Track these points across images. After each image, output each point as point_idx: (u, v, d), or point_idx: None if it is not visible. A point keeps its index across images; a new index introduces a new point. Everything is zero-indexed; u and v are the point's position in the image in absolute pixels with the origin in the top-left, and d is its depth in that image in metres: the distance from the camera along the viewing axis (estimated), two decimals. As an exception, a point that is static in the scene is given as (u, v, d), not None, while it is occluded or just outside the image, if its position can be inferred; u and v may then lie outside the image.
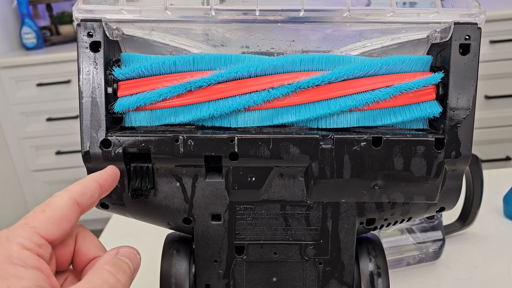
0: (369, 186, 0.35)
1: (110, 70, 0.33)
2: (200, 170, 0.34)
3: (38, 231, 0.26)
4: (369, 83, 0.34)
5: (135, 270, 0.29)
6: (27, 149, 1.88)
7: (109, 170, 0.32)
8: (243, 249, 0.37)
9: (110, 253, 0.29)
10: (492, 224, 0.68)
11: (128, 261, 0.29)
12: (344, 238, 0.37)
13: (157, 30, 0.36)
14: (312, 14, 0.34)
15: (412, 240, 0.59)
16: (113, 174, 0.32)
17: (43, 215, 0.26)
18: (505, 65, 1.69)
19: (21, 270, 0.24)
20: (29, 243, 0.25)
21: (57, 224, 0.26)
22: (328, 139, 0.33)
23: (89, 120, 0.33)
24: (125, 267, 0.28)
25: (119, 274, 0.27)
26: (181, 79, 0.33)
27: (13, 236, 0.25)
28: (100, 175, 0.31)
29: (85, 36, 0.33)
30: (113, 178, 0.32)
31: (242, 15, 0.34)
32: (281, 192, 0.35)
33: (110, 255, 0.29)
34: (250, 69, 0.34)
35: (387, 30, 0.36)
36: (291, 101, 0.34)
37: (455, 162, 0.34)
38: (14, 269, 0.24)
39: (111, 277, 0.27)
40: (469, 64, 0.33)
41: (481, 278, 0.57)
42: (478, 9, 0.33)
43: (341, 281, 0.38)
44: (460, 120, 0.33)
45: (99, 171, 0.31)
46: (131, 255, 0.30)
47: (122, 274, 0.27)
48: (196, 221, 0.36)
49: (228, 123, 0.35)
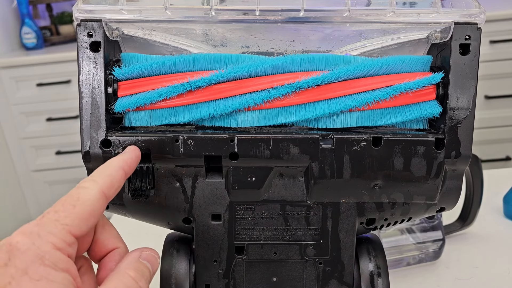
0: (369, 186, 0.35)
1: (110, 70, 0.33)
2: (200, 170, 0.34)
3: (70, 229, 0.25)
4: (369, 83, 0.34)
5: (153, 273, 0.29)
6: (27, 149, 1.88)
7: (132, 155, 0.30)
8: (243, 249, 0.37)
9: (133, 255, 0.29)
10: (492, 224, 0.68)
11: (149, 266, 0.29)
12: (344, 238, 0.37)
13: (157, 30, 0.36)
14: (312, 14, 0.34)
15: (412, 240, 0.59)
16: (136, 157, 0.31)
17: (73, 211, 0.25)
18: (505, 65, 1.69)
19: (52, 272, 0.23)
20: (61, 243, 0.24)
21: (86, 220, 0.26)
22: (328, 139, 0.33)
23: (89, 120, 0.33)
24: (147, 273, 0.28)
25: (142, 281, 0.27)
26: (181, 79, 0.33)
27: (45, 234, 0.24)
28: (125, 161, 0.29)
29: (85, 36, 0.33)
30: (136, 161, 0.31)
31: (242, 15, 0.34)
32: (281, 192, 0.35)
33: (133, 258, 0.28)
34: (250, 69, 0.34)
35: (387, 30, 0.36)
36: (291, 101, 0.34)
37: (455, 162, 0.34)
38: (45, 271, 0.23)
39: (134, 284, 0.26)
40: (469, 64, 0.33)
41: (481, 278, 0.57)
42: (478, 9, 0.33)
43: (341, 281, 0.38)
44: (460, 120, 0.33)
45: (121, 155, 0.30)
46: (152, 259, 0.29)
47: (144, 282, 0.27)
48: (196, 221, 0.36)
49: (228, 123, 0.35)
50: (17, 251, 0.23)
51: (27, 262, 0.23)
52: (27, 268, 0.23)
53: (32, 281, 0.22)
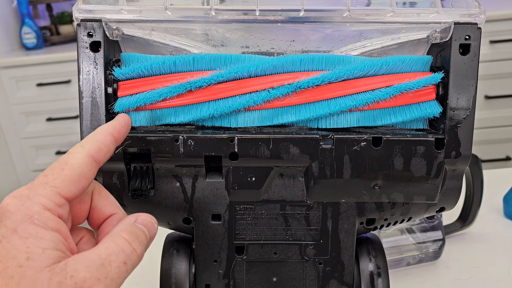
0: (369, 186, 0.35)
1: (110, 70, 0.33)
2: (200, 170, 0.34)
3: (59, 191, 0.25)
4: (369, 83, 0.34)
5: (151, 239, 0.29)
6: (27, 149, 1.88)
7: (121, 120, 0.30)
8: (243, 249, 0.37)
9: (128, 219, 0.29)
10: (492, 224, 0.68)
11: (145, 230, 0.29)
12: (344, 238, 0.37)
13: (157, 30, 0.36)
14: (312, 14, 0.34)
15: (412, 240, 0.59)
16: (126, 124, 0.31)
17: (62, 173, 0.26)
18: (505, 65, 1.69)
19: (41, 231, 0.24)
20: (50, 203, 0.25)
21: (76, 183, 0.26)
22: (328, 139, 0.33)
23: (89, 120, 0.33)
24: (142, 237, 0.28)
25: (135, 243, 0.27)
26: (181, 79, 0.33)
27: (34, 196, 0.25)
28: (114, 126, 0.30)
29: (85, 36, 0.33)
30: (126, 127, 0.31)
31: (242, 15, 0.34)
32: (281, 192, 0.35)
33: (128, 222, 0.29)
34: (250, 69, 0.34)
35: (387, 30, 0.36)
36: (291, 101, 0.34)
37: (455, 162, 0.34)
38: (34, 230, 0.24)
39: (128, 246, 0.27)
40: (469, 64, 0.33)
41: (481, 278, 0.57)
42: (478, 9, 0.33)
43: (341, 281, 0.38)
44: (460, 120, 0.33)
45: (111, 121, 0.30)
46: (148, 224, 0.29)
47: (138, 244, 0.27)
48: (196, 221, 0.36)
49: (228, 123, 0.35)
50: (7, 212, 0.24)
51: (16, 222, 0.24)
52: (16, 227, 0.23)
53: (21, 239, 0.23)
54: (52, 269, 0.23)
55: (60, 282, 0.23)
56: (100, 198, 0.30)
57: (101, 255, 0.25)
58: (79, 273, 0.24)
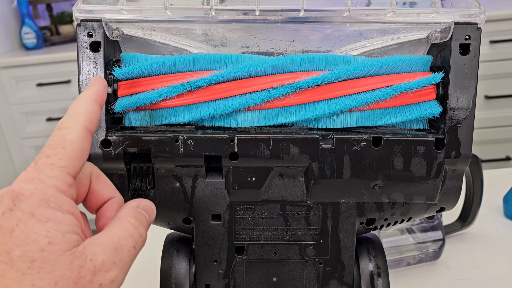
0: (369, 186, 0.35)
1: (110, 70, 0.33)
2: (200, 170, 0.34)
3: (68, 171, 0.25)
4: (369, 83, 0.34)
5: (150, 223, 0.30)
6: (27, 149, 1.88)
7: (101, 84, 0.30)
8: (243, 249, 0.37)
9: (131, 205, 0.29)
10: (492, 224, 0.68)
11: (146, 215, 0.30)
12: (344, 238, 0.37)
13: (157, 30, 0.36)
14: (312, 14, 0.34)
15: (412, 240, 0.59)
16: (104, 88, 0.30)
17: (65, 152, 0.25)
18: (505, 65, 1.69)
19: (59, 214, 0.24)
20: (63, 185, 0.25)
21: (78, 159, 0.26)
22: (328, 139, 0.33)
23: None
24: (145, 221, 0.29)
25: (141, 228, 0.28)
26: (181, 79, 0.33)
27: (46, 179, 0.24)
28: (96, 93, 0.29)
29: (85, 36, 0.33)
30: (105, 92, 0.30)
31: (242, 15, 0.34)
32: (281, 192, 0.35)
33: (132, 207, 0.29)
34: (250, 69, 0.34)
35: (387, 30, 0.36)
36: (291, 101, 0.34)
37: (455, 162, 0.34)
38: (52, 213, 0.24)
39: (135, 231, 0.27)
40: (469, 64, 0.33)
41: (481, 278, 0.57)
42: (478, 9, 0.33)
43: (341, 281, 0.38)
44: (460, 120, 0.33)
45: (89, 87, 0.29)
46: (149, 210, 0.30)
47: (143, 229, 0.28)
48: (196, 221, 0.36)
49: (228, 123, 0.35)
50: (21, 195, 0.23)
51: (33, 206, 0.23)
52: (34, 211, 0.23)
53: (40, 223, 0.23)
54: (73, 253, 0.23)
55: (81, 266, 0.23)
56: (99, 181, 0.30)
57: (113, 239, 0.26)
58: (98, 257, 0.24)
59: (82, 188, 0.29)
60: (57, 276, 0.23)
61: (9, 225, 0.23)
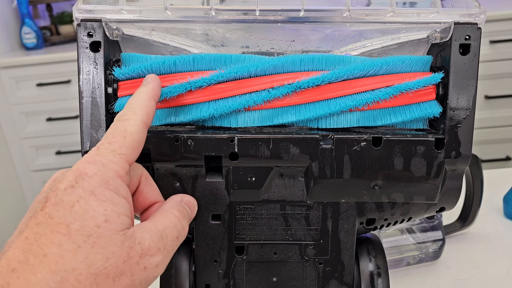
0: (369, 186, 0.35)
1: (110, 70, 0.33)
2: (200, 170, 0.34)
3: (126, 158, 0.27)
4: (369, 83, 0.34)
5: (191, 218, 0.32)
6: (27, 149, 1.88)
7: (157, 82, 0.31)
8: (243, 249, 0.37)
9: (175, 199, 0.31)
10: (492, 224, 0.68)
11: (189, 210, 0.31)
12: (344, 238, 0.37)
13: (157, 30, 0.36)
14: (312, 14, 0.34)
15: (412, 240, 0.59)
16: (159, 85, 0.32)
17: (126, 141, 0.27)
18: (505, 65, 1.69)
19: (116, 197, 0.25)
20: (121, 171, 0.26)
21: (136, 150, 0.28)
22: (328, 139, 0.33)
23: (89, 120, 0.33)
24: (187, 215, 0.30)
25: (184, 221, 0.29)
26: (181, 79, 0.33)
27: (107, 163, 0.26)
28: (153, 90, 0.30)
29: (85, 36, 0.33)
30: (160, 89, 0.32)
31: (242, 15, 0.34)
32: (281, 192, 0.35)
33: (176, 201, 0.31)
34: (250, 69, 0.34)
35: (387, 30, 0.36)
36: (291, 101, 0.34)
37: (455, 162, 0.34)
38: (110, 195, 0.25)
39: (179, 222, 0.29)
40: (469, 64, 0.33)
41: (481, 278, 0.57)
42: (478, 9, 0.33)
43: (341, 281, 0.38)
44: (460, 120, 0.33)
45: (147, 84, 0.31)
46: (191, 205, 0.32)
47: (186, 222, 0.30)
48: (196, 221, 0.36)
49: (228, 123, 0.35)
50: (85, 175, 0.25)
51: (94, 185, 0.25)
52: (94, 190, 0.25)
53: (99, 201, 0.25)
54: (125, 233, 0.25)
55: (130, 247, 0.25)
56: (147, 183, 0.31)
57: (159, 227, 0.27)
58: (145, 241, 0.26)
59: (131, 186, 0.30)
60: (109, 252, 0.24)
61: (70, 200, 0.24)
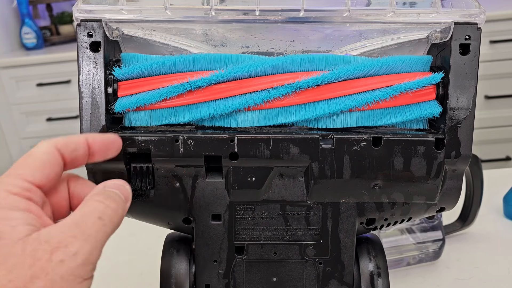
0: (369, 186, 0.35)
1: (110, 70, 0.33)
2: (200, 170, 0.34)
3: (24, 177, 0.27)
4: (369, 83, 0.34)
5: (126, 198, 0.30)
6: (27, 149, 1.86)
7: (104, 135, 0.31)
8: (243, 249, 0.37)
9: (98, 187, 0.30)
10: (492, 224, 0.68)
11: (116, 191, 0.29)
12: (344, 238, 0.37)
13: (157, 30, 0.36)
14: (312, 14, 0.34)
15: (412, 240, 0.59)
16: (108, 140, 0.31)
17: (26, 162, 0.28)
18: (505, 65, 1.69)
19: (10, 212, 0.25)
20: (15, 188, 0.26)
21: (40, 170, 0.27)
22: (328, 139, 0.33)
23: (89, 120, 0.33)
24: (115, 196, 0.29)
25: (108, 200, 0.28)
26: (181, 79, 0.33)
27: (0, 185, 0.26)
28: (93, 135, 0.30)
29: (85, 36, 0.33)
30: (106, 144, 0.31)
31: (242, 15, 0.34)
32: (281, 192, 0.35)
33: (97, 187, 0.30)
34: (250, 69, 0.34)
35: (387, 30, 0.36)
36: (291, 101, 0.34)
37: (455, 162, 0.34)
38: (2, 213, 0.25)
39: (100, 204, 0.27)
40: (469, 64, 0.33)
41: (481, 278, 0.57)
42: (478, 9, 0.33)
43: (341, 281, 0.38)
44: (460, 120, 0.33)
45: None
46: (119, 186, 0.30)
47: (111, 201, 0.28)
48: (196, 221, 0.36)
49: (228, 123, 0.35)
50: None
51: None
52: None
53: None
54: (25, 240, 0.24)
55: (35, 250, 0.24)
56: (77, 184, 0.31)
57: (75, 217, 0.26)
58: (53, 237, 0.25)
59: (60, 194, 0.30)
60: (10, 265, 0.24)
61: None
